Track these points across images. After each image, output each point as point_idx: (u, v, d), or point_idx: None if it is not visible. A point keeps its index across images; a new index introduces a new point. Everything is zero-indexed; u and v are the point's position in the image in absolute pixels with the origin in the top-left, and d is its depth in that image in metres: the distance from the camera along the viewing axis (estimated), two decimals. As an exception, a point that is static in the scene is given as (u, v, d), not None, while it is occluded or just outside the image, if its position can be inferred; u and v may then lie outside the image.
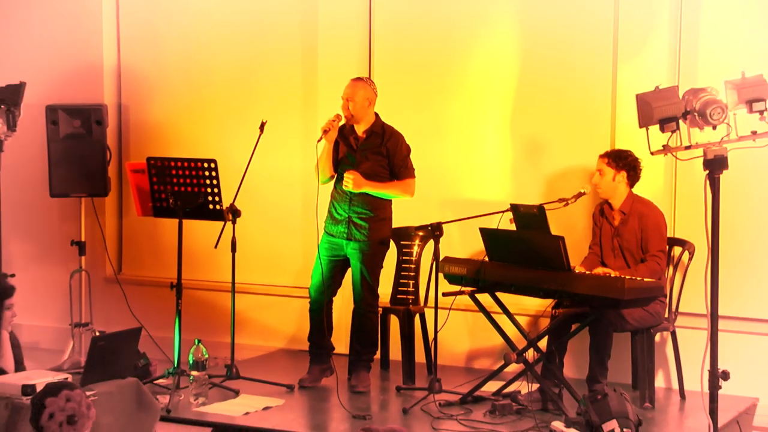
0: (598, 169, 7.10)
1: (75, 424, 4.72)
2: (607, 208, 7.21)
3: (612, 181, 7.08)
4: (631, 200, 7.14)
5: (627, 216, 7.11)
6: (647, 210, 7.11)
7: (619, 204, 7.14)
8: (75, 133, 8.96)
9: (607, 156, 7.10)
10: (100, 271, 9.37)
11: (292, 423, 6.71)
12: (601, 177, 7.09)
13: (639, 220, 7.07)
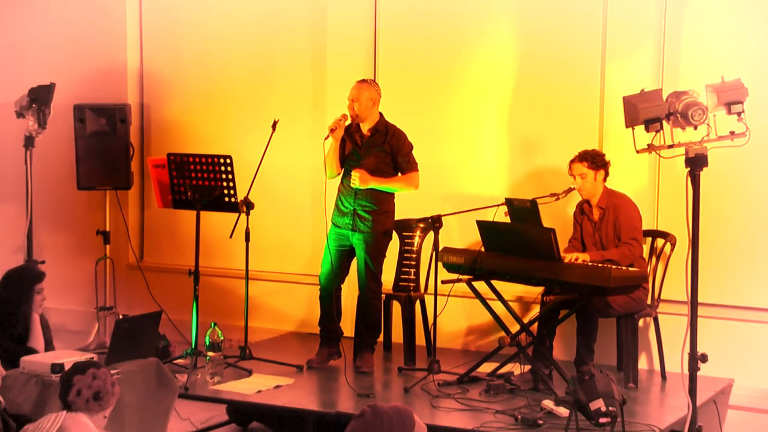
0: (579, 174, 7.05)
1: (101, 400, 4.74)
2: (586, 207, 7.20)
3: (594, 181, 7.06)
4: (607, 195, 7.14)
5: (605, 210, 7.11)
6: (620, 201, 7.11)
7: (596, 201, 7.14)
8: (100, 131, 8.98)
9: (584, 160, 7.04)
10: (123, 258, 9.39)
11: (301, 401, 6.73)
12: (584, 180, 7.06)
13: (614, 211, 7.08)
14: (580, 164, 7.07)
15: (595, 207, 7.14)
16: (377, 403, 4.07)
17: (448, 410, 6.37)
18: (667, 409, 6.60)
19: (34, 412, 5.38)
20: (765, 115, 6.56)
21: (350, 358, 7.33)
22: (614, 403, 5.80)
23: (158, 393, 6.30)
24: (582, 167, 7.06)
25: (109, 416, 4.74)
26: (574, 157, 7.11)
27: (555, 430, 5.82)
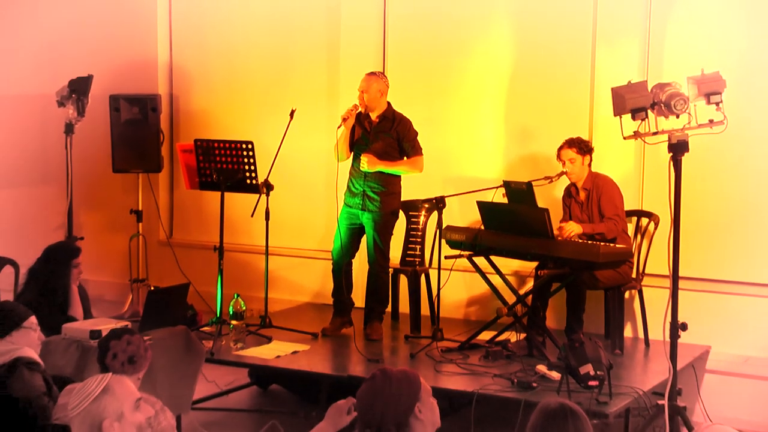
0: (568, 159, 7.07)
1: (134, 364, 4.76)
2: (573, 190, 7.21)
3: (581, 165, 7.08)
4: (591, 177, 7.15)
5: (589, 191, 7.11)
6: (603, 182, 7.11)
7: (581, 183, 7.14)
8: (134, 119, 9.00)
9: (573, 146, 7.06)
10: (154, 235, 9.40)
11: (316, 365, 6.77)
12: (573, 164, 7.07)
13: (597, 191, 7.09)
14: (569, 150, 7.08)
15: (581, 189, 7.14)
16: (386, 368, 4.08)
17: (451, 374, 6.39)
18: (650, 374, 6.61)
19: (74, 374, 5.41)
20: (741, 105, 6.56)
21: (360, 326, 7.35)
22: (602, 367, 5.82)
23: (186, 357, 6.33)
24: (571, 153, 7.07)
25: (142, 378, 4.77)
26: (562, 144, 7.12)
27: (548, 392, 5.82)
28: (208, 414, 7.02)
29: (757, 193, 7.26)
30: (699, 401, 6.83)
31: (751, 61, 7.15)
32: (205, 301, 8.14)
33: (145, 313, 6.52)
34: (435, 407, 4.00)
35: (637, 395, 6.00)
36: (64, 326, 6.07)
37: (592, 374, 5.80)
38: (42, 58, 9.68)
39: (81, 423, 3.85)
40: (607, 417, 5.71)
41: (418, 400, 3.92)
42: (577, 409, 3.69)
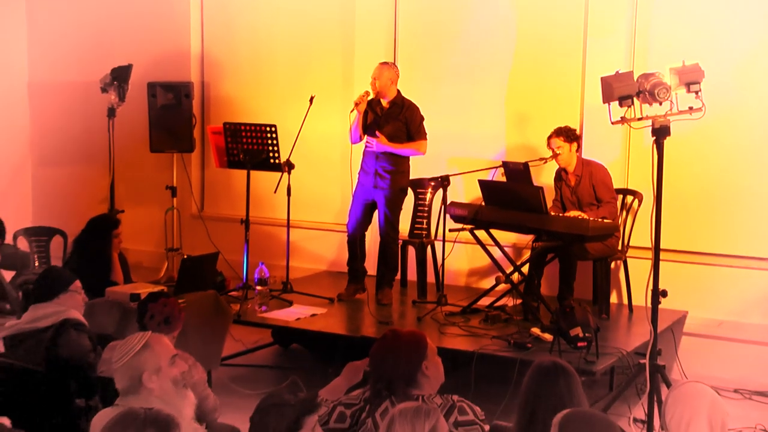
0: (557, 147, 7.04)
1: (170, 324, 4.78)
2: (563, 174, 7.19)
3: (569, 152, 7.06)
4: (581, 163, 7.14)
5: (580, 176, 7.10)
6: (595, 170, 7.11)
7: (572, 168, 7.12)
8: (169, 104, 9.00)
9: (560, 135, 7.03)
10: (187, 209, 9.41)
11: (332, 326, 6.79)
12: (561, 151, 7.07)
13: (590, 178, 7.07)
14: (557, 138, 7.07)
15: (572, 174, 7.13)
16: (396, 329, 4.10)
17: (454, 335, 6.41)
18: (633, 336, 6.62)
19: (116, 333, 5.43)
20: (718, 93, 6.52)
21: (372, 292, 7.36)
22: (590, 330, 5.84)
23: (216, 319, 6.36)
24: (559, 141, 7.06)
25: (176, 337, 4.79)
26: (551, 133, 7.11)
27: (541, 352, 5.83)
28: (235, 370, 7.05)
29: (731, 175, 7.26)
30: (677, 361, 6.86)
31: (730, 52, 7.13)
32: (232, 268, 8.15)
33: (179, 278, 6.54)
34: (440, 365, 4.02)
35: (621, 355, 6.02)
36: (106, 290, 6.11)
37: (581, 336, 5.82)
38: (87, 49, 9.68)
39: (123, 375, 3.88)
40: (594, 374, 5.73)
41: (425, 358, 3.94)
42: (568, 367, 3.71)
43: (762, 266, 7.16)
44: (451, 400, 3.86)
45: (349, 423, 3.98)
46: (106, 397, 4.15)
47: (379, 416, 3.80)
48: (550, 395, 3.58)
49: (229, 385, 6.54)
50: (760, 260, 7.17)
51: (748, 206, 7.22)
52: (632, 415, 6.09)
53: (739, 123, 7.17)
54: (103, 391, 4.37)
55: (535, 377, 3.68)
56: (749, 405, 6.51)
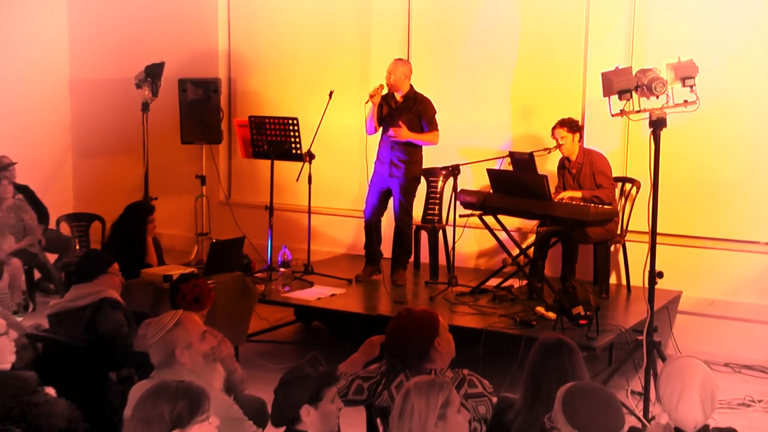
0: (561, 137, 7.04)
1: (200, 303, 4.80)
2: (566, 162, 7.17)
3: (572, 142, 7.06)
4: (582, 152, 7.12)
5: (582, 164, 7.09)
6: (595, 158, 7.09)
7: (574, 157, 7.11)
8: (198, 99, 9.03)
9: (564, 126, 7.04)
10: (215, 196, 9.44)
11: (351, 305, 6.80)
12: (564, 141, 7.05)
13: (590, 166, 7.06)
14: (560, 129, 7.06)
15: (574, 162, 7.11)
16: (410, 308, 4.10)
17: (464, 314, 6.40)
18: (630, 314, 6.61)
19: (150, 311, 5.46)
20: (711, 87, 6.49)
21: (388, 274, 7.37)
22: (591, 309, 5.83)
23: (242, 298, 6.38)
24: (562, 131, 7.05)
25: (206, 315, 4.81)
26: (555, 124, 7.10)
27: (545, 329, 5.83)
28: (261, 345, 7.07)
29: (723, 164, 7.25)
30: (671, 337, 6.85)
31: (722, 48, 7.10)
32: (257, 251, 8.18)
33: (208, 261, 6.56)
34: (451, 341, 4.03)
35: (620, 332, 6.02)
36: (141, 271, 6.14)
37: (583, 314, 5.81)
38: (122, 48, 9.71)
39: (157, 350, 3.89)
40: (594, 350, 5.74)
41: (437, 335, 3.94)
42: (571, 343, 3.71)
43: (751, 249, 7.16)
44: (462, 373, 3.86)
45: (367, 395, 3.99)
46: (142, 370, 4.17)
47: (395, 389, 3.81)
48: (554, 369, 3.58)
49: (255, 360, 6.57)
50: (749, 243, 7.17)
51: (738, 193, 7.22)
52: (630, 388, 6.10)
53: (731, 115, 7.15)
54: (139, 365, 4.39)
55: (540, 353, 3.68)
56: (738, 378, 6.51)
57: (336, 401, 3.49)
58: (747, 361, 6.74)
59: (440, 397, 3.15)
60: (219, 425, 2.95)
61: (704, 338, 6.95)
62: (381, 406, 3.91)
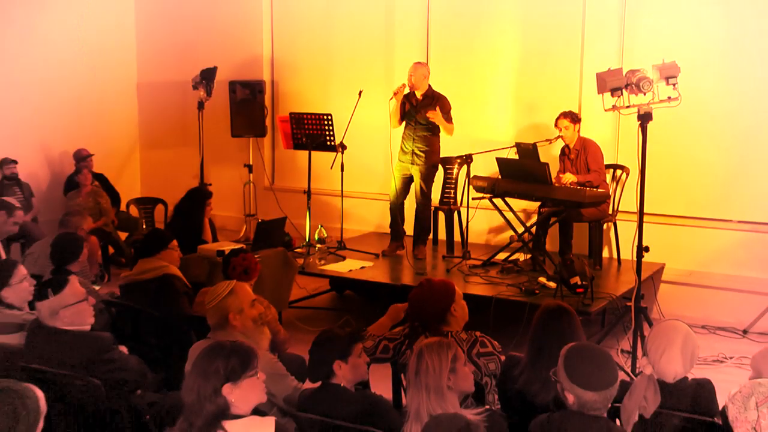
0: (563, 126, 7.01)
1: (248, 274, 4.83)
2: (566, 150, 7.13)
3: (573, 131, 7.02)
4: (580, 140, 7.08)
5: (579, 150, 7.04)
6: (589, 145, 7.05)
7: (573, 145, 7.06)
8: (246, 98, 9.04)
9: (567, 117, 7.01)
10: (261, 182, 9.46)
11: (378, 276, 6.80)
12: (566, 130, 7.02)
13: (585, 152, 7.03)
14: (564, 119, 7.02)
15: (573, 149, 7.07)
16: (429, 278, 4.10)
17: (476, 283, 6.40)
18: (620, 283, 6.58)
19: (206, 281, 5.50)
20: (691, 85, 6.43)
21: (410, 249, 7.37)
22: (586, 279, 5.82)
23: (284, 270, 6.41)
24: (565, 122, 7.01)
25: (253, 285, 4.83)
26: (558, 115, 7.07)
27: (547, 297, 5.83)
28: (300, 311, 7.11)
29: (700, 152, 7.19)
30: (656, 303, 6.83)
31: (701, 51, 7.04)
32: (297, 230, 8.20)
33: (255, 238, 6.59)
34: (465, 307, 4.03)
35: (612, 299, 5.99)
36: (198, 247, 6.18)
37: (579, 284, 5.81)
38: (181, 55, 9.72)
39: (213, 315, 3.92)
40: (590, 314, 5.72)
41: (453, 301, 3.95)
42: (569, 308, 3.70)
43: (724, 226, 7.13)
44: (475, 335, 3.87)
45: (392, 354, 4.00)
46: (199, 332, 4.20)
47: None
48: (555, 331, 3.58)
49: (296, 323, 6.61)
50: (723, 221, 7.14)
51: (714, 177, 7.17)
52: (620, 347, 6.09)
53: (708, 110, 7.09)
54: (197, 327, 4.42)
55: (543, 317, 3.68)
56: (713, 338, 6.50)
57: (363, 355, 3.51)
58: (721, 324, 6.72)
59: (450, 354, 3.16)
60: (265, 379, 2.97)
61: (684, 304, 6.92)
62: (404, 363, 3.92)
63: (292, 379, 3.85)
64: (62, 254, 5.13)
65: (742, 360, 5.90)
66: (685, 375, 3.38)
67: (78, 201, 8.35)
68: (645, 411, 3.15)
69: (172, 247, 5.19)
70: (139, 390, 3.88)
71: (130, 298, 5.02)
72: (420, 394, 3.09)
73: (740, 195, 7.09)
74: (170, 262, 5.11)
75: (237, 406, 2.85)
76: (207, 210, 6.60)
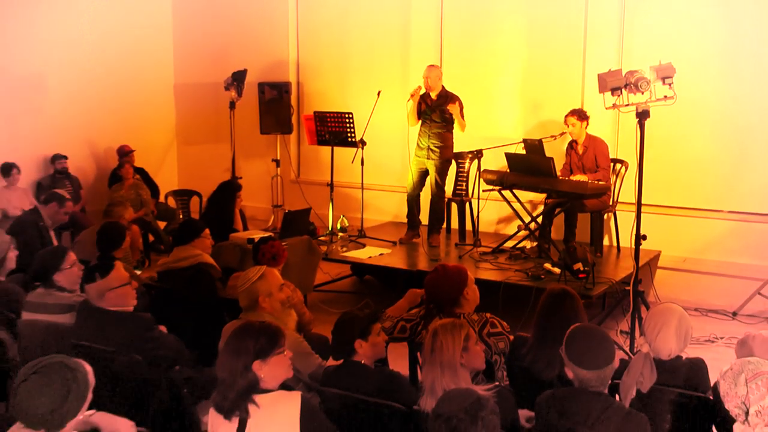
0: (572, 123, 6.96)
1: (276, 260, 4.84)
2: (574, 144, 7.07)
3: (581, 128, 6.96)
4: (588, 137, 7.02)
5: (587, 147, 6.99)
6: (598, 143, 6.99)
7: (581, 141, 7.01)
8: (273, 98, 9.05)
9: (575, 114, 6.95)
10: (287, 176, 9.48)
11: (396, 262, 6.79)
12: (574, 127, 6.96)
13: (594, 149, 6.96)
14: (572, 117, 6.98)
15: (581, 145, 7.02)
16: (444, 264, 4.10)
17: (486, 269, 6.38)
18: (620, 269, 6.55)
19: (237, 267, 5.52)
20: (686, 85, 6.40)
21: (425, 237, 7.37)
22: (588, 265, 5.80)
23: (309, 257, 6.42)
24: (573, 119, 6.97)
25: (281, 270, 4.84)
26: (568, 113, 7.03)
27: (551, 281, 5.81)
28: (324, 294, 7.13)
29: (693, 148, 7.15)
30: (653, 288, 6.78)
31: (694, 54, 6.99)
32: (321, 219, 8.22)
33: (282, 227, 6.62)
34: (476, 291, 4.02)
35: (612, 284, 5.97)
36: (230, 235, 6.20)
37: (582, 269, 5.79)
38: (214, 58, 9.75)
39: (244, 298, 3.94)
40: (591, 298, 5.69)
41: (466, 285, 3.94)
42: (573, 292, 3.69)
43: (716, 216, 7.10)
44: (485, 317, 3.86)
45: (409, 333, 4.00)
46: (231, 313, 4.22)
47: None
48: (559, 313, 3.58)
49: (320, 306, 6.62)
50: (714, 212, 7.11)
51: (706, 171, 7.14)
52: (619, 328, 6.07)
53: (702, 108, 7.05)
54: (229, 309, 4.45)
55: (548, 300, 3.67)
56: (705, 320, 6.47)
57: (381, 335, 3.52)
58: (712, 306, 6.68)
59: (462, 334, 3.16)
60: (291, 357, 2.98)
61: (678, 288, 6.88)
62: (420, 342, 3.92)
63: (316, 357, 3.86)
64: (107, 242, 5.16)
65: (731, 340, 5.86)
66: (679, 353, 3.38)
67: (121, 193, 8.41)
68: (642, 387, 3.14)
69: (204, 236, 5.19)
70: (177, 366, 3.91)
71: (167, 283, 5.05)
72: (435, 371, 3.10)
73: (731, 187, 7.04)
74: (203, 250, 5.12)
75: (266, 381, 2.87)
76: (238, 201, 6.62)
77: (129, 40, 9.59)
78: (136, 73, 9.70)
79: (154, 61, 9.98)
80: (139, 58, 9.73)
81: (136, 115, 9.74)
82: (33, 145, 8.59)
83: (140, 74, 9.77)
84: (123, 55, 9.50)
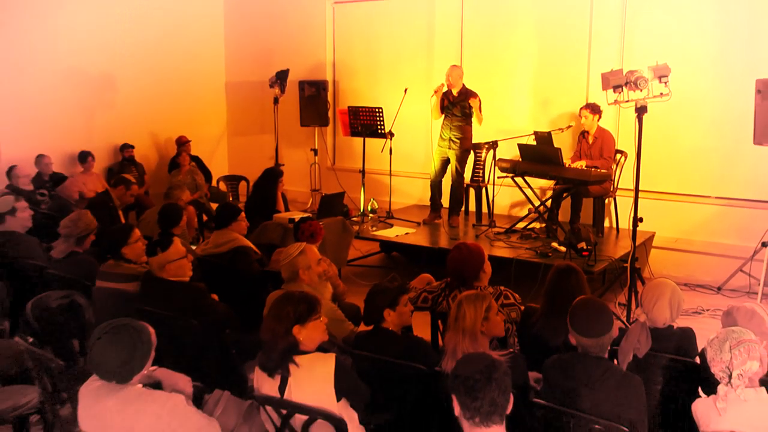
0: (584, 116, 6.88)
1: (314, 238, 4.85)
2: (585, 134, 6.99)
3: (593, 120, 6.88)
4: (599, 129, 6.94)
5: (596, 138, 6.91)
6: (606, 135, 6.91)
7: (593, 132, 6.93)
8: (312, 95, 9.05)
9: (588, 107, 6.88)
10: (324, 163, 9.49)
11: (420, 240, 6.78)
12: (587, 119, 6.89)
13: (602, 140, 6.89)
14: (585, 110, 6.92)
15: (591, 135, 6.94)
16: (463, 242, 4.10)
17: (500, 247, 6.36)
18: (619, 248, 6.49)
19: (279, 243, 5.55)
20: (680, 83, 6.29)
21: (446, 218, 7.35)
22: (591, 244, 5.76)
23: (342, 235, 6.43)
24: (586, 112, 6.91)
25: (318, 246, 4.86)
26: (582, 106, 6.96)
27: (558, 259, 5.77)
28: (356, 268, 7.14)
29: (686, 140, 7.03)
30: (647, 265, 6.73)
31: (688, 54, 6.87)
32: (353, 202, 8.23)
33: (319, 208, 6.64)
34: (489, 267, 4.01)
35: (611, 261, 5.92)
36: (273, 216, 6.24)
37: (585, 248, 5.74)
38: (260, 59, 9.77)
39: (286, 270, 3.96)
40: (593, 274, 5.66)
41: (483, 261, 3.93)
42: (577, 268, 3.67)
43: (704, 201, 6.99)
44: (500, 289, 3.86)
45: (431, 303, 4.01)
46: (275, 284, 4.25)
47: (452, 299, 3.82)
48: (565, 287, 3.56)
49: (353, 278, 6.65)
50: (702, 197, 7.01)
51: (696, 161, 7.02)
52: (617, 300, 6.02)
53: (694, 104, 6.93)
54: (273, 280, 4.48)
55: (555, 275, 3.66)
56: (694, 294, 6.40)
57: (408, 305, 3.52)
58: (700, 282, 6.63)
59: (484, 304, 3.16)
60: (327, 323, 3.01)
61: (670, 265, 6.82)
62: (441, 311, 3.93)
63: (349, 323, 3.89)
64: (167, 220, 5.20)
65: (716, 312, 5.81)
66: (672, 323, 3.36)
67: (179, 178, 8.48)
68: (638, 352, 3.13)
69: (240, 219, 5.06)
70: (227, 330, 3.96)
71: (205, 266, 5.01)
72: (457, 337, 3.10)
73: (719, 176, 6.93)
74: (239, 232, 5.00)
75: (304, 343, 2.90)
76: (280, 186, 6.66)
77: (186, 44, 9.65)
78: (192, 73, 9.76)
79: (208, 62, 10.03)
80: (194, 59, 9.79)
81: (193, 109, 9.81)
82: (105, 136, 8.72)
83: (196, 74, 9.83)
84: (181, 57, 9.57)
